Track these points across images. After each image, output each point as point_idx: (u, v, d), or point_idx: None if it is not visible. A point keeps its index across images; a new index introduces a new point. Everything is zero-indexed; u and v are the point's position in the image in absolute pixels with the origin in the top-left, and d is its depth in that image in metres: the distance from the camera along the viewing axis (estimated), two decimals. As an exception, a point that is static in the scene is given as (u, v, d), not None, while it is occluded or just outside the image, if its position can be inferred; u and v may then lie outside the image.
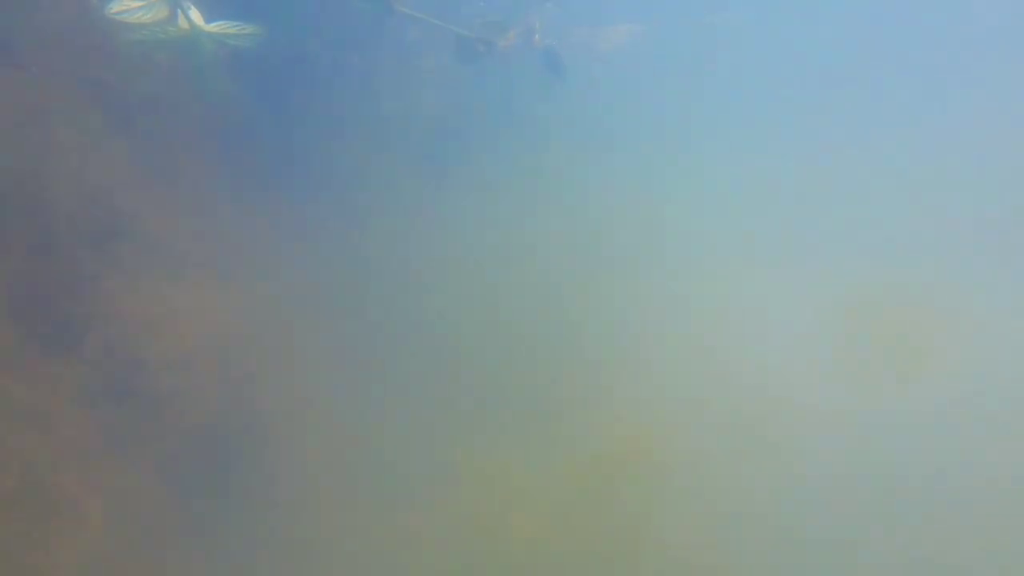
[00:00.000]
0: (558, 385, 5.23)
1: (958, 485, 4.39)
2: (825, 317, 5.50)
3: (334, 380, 4.87)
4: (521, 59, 6.76)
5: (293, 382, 4.73)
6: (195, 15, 4.84)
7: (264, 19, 5.17)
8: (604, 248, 6.13)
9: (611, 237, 6.21)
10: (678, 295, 5.80)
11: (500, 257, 5.94)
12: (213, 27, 4.89)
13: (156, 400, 4.21)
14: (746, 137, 6.31)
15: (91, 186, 4.40)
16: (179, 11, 4.79)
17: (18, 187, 4.14)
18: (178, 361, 4.33)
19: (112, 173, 4.52)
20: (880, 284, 5.65)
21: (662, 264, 5.94)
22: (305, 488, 4.37)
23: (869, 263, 5.76)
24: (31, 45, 4.36)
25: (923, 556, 4.11)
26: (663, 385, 5.23)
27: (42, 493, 3.68)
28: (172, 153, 4.90)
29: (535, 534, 4.29)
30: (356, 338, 5.05)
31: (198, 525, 4.02)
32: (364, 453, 4.61)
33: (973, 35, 6.58)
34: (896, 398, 4.98)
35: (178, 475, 4.09)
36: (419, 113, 6.44)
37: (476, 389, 5.08)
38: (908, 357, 5.21)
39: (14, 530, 3.54)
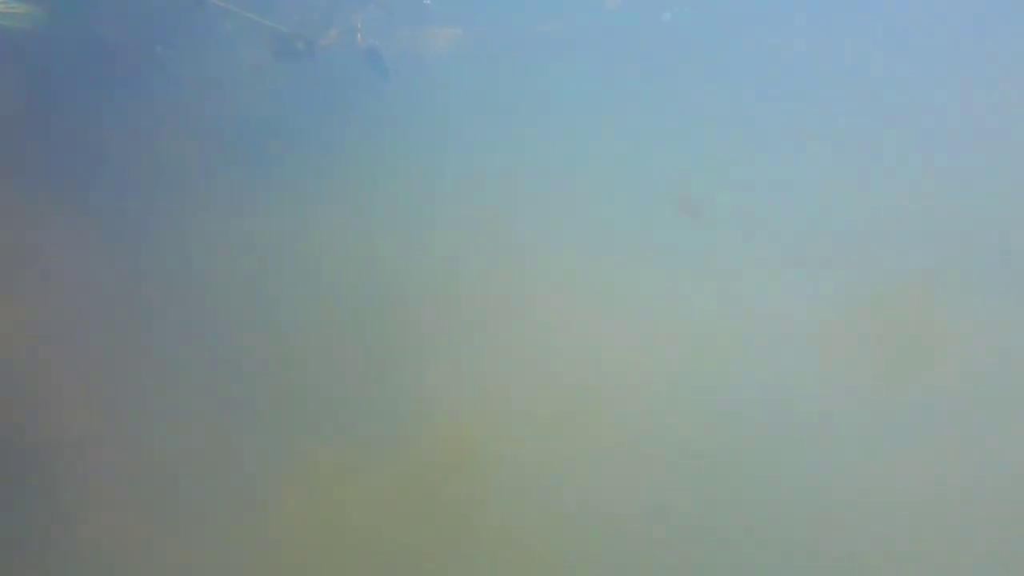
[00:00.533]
0: (379, 386, 5.11)
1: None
2: (643, 309, 5.61)
3: (120, 387, 4.57)
4: (343, 58, 6.68)
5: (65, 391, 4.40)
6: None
7: (53, 1, 4.84)
8: (422, 247, 6.07)
9: (430, 236, 6.17)
10: (498, 293, 5.81)
11: (312, 255, 5.79)
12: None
13: None
14: (557, 138, 6.45)
15: None
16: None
17: None
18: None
19: None
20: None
21: (481, 262, 5.95)
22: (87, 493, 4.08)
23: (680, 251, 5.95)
24: None
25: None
26: (487, 385, 5.19)
27: None
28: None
29: (365, 533, 4.24)
30: (139, 338, 4.77)
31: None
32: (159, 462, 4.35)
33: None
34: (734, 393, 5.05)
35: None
36: (229, 109, 6.20)
37: (279, 391, 4.90)
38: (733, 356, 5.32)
39: None
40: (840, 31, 6.66)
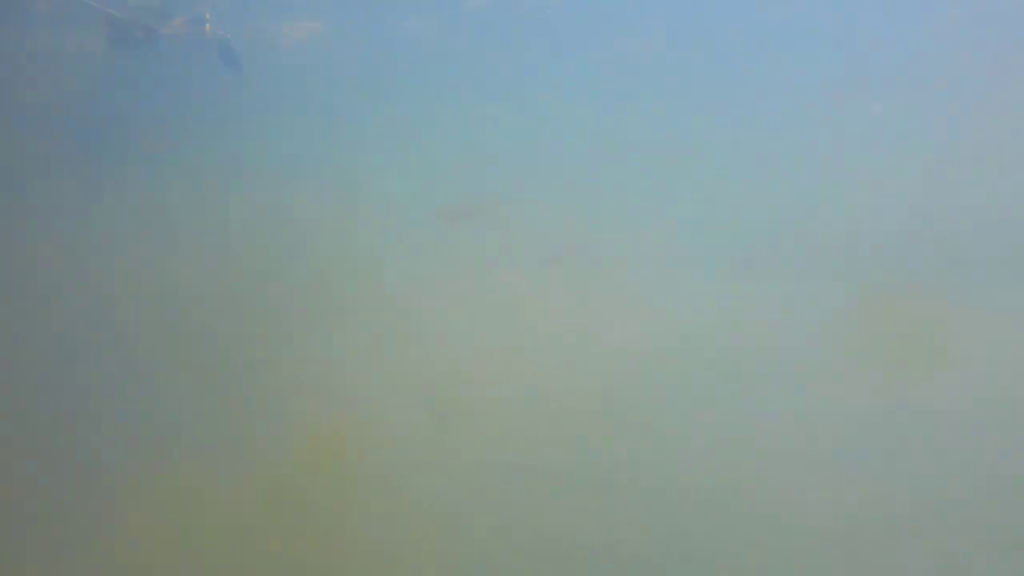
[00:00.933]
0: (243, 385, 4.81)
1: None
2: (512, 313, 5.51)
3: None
4: (191, 49, 6.17)
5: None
6: None
7: None
8: (273, 244, 5.74)
9: (282, 233, 5.85)
10: (352, 290, 5.58)
11: (151, 255, 5.33)
12: None
13: None
14: (416, 138, 6.28)
15: None
16: None
17: None
18: None
19: None
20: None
21: (335, 259, 5.70)
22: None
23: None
24: None
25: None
26: (346, 384, 4.98)
27: None
28: None
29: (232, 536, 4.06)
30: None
31: None
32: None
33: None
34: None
35: None
36: (52, 99, 5.58)
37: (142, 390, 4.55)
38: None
39: None
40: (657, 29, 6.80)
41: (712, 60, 6.71)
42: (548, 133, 6.38)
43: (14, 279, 5.12)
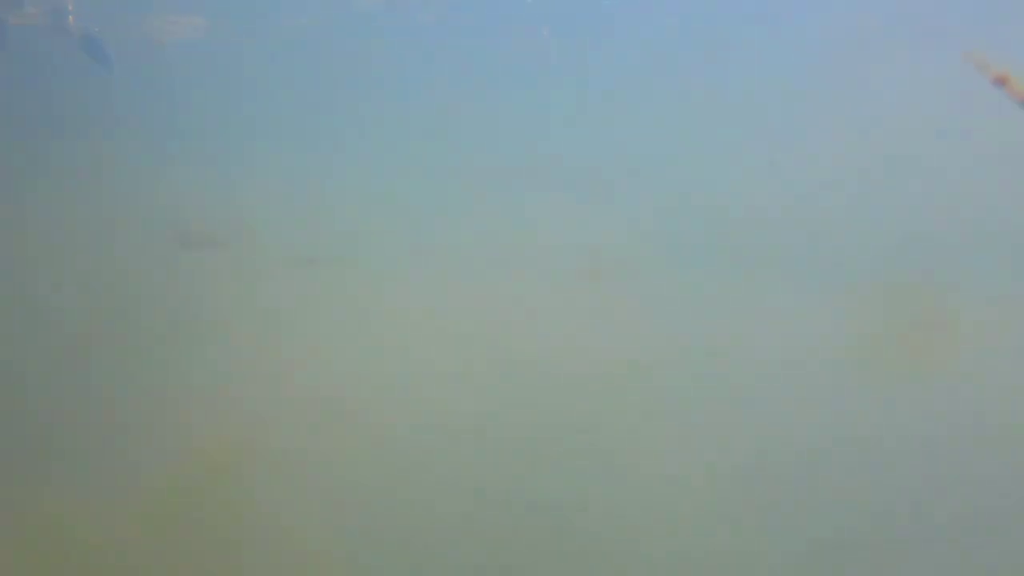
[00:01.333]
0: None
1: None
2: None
3: None
4: (51, 42, 5.48)
5: None
6: None
7: None
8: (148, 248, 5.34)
9: (159, 236, 5.45)
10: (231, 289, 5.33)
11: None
12: None
13: None
14: (298, 133, 6.14)
15: None
16: None
17: None
18: None
19: None
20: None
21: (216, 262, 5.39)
22: None
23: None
24: None
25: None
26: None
27: None
28: None
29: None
30: None
31: None
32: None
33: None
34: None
35: None
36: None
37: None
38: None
39: None
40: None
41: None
42: (442, 132, 6.49)
43: None
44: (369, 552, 3.95)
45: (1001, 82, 2.92)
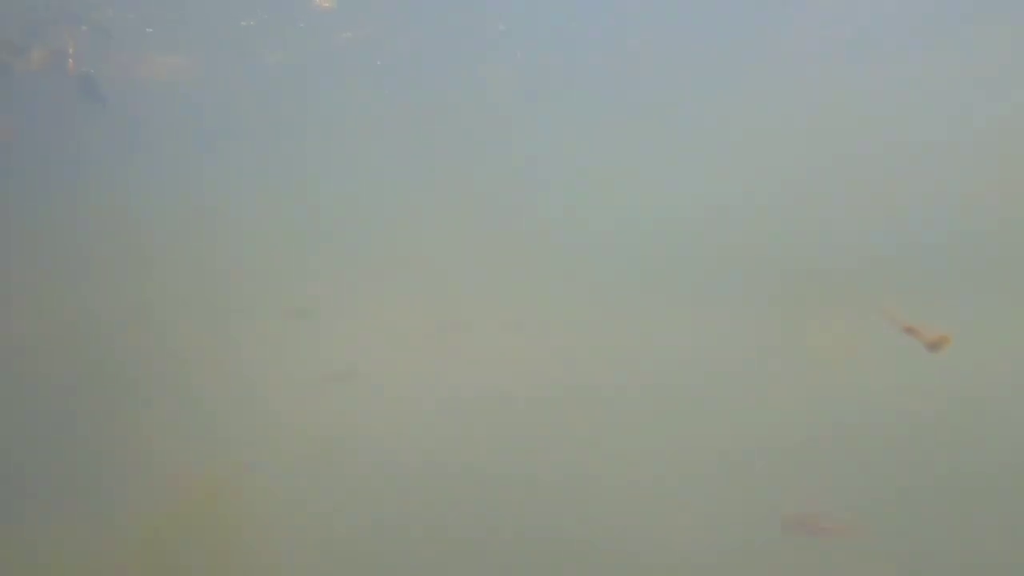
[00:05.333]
0: None
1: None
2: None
3: None
4: (52, 85, 6.06)
5: None
6: None
7: None
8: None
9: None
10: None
11: None
12: None
13: None
14: (284, 174, 6.43)
15: None
16: None
17: None
18: None
19: None
20: None
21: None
22: None
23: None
24: None
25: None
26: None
27: None
28: None
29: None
30: None
31: None
32: None
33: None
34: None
35: None
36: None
37: None
38: None
39: None
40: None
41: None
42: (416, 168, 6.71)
43: None
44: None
45: (910, 331, 3.26)
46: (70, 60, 6.17)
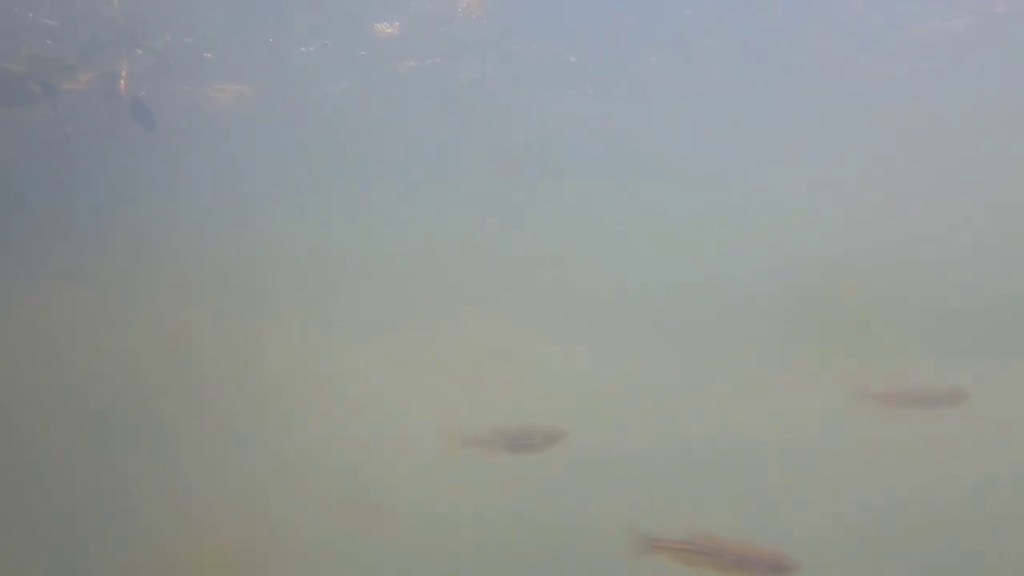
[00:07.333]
0: None
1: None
2: None
3: None
4: (102, 107, 5.60)
5: None
6: None
7: None
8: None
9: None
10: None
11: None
12: None
13: None
14: (340, 202, 6.18)
15: None
16: None
17: None
18: None
19: None
20: None
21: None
22: None
23: None
24: None
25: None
26: None
27: None
28: None
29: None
30: None
31: None
32: None
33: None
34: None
35: None
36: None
37: None
38: None
39: None
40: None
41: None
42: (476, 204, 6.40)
43: None
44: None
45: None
46: (122, 82, 5.71)
